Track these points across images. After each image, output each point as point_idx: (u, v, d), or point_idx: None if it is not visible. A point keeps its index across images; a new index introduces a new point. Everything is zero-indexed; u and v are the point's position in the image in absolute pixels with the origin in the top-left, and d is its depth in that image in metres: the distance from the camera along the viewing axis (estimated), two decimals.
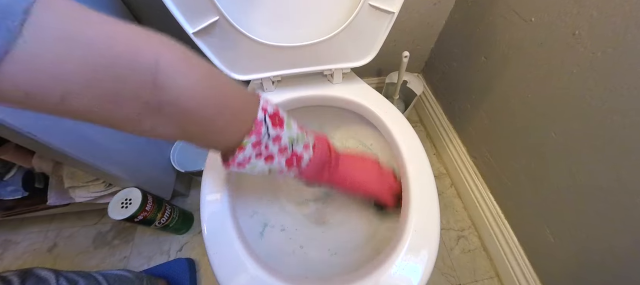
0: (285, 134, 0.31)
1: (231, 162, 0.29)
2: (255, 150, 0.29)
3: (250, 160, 0.29)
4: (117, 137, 0.52)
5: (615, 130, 0.38)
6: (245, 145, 0.28)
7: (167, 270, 0.65)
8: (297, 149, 0.33)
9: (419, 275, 0.32)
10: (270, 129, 0.30)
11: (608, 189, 0.41)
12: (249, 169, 0.30)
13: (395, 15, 0.42)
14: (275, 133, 0.30)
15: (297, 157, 0.33)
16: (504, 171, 0.62)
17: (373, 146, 0.55)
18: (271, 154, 0.31)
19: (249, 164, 0.30)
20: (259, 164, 0.31)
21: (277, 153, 0.31)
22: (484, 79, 0.63)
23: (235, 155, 0.28)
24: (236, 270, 0.33)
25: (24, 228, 0.78)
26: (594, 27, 0.39)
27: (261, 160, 0.30)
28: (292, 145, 0.32)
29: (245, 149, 0.28)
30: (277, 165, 0.32)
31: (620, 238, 0.41)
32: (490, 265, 0.68)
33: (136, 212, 0.54)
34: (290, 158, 0.33)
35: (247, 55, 0.45)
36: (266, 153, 0.30)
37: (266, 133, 0.29)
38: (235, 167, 0.29)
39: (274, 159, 0.31)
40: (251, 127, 0.28)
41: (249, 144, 0.28)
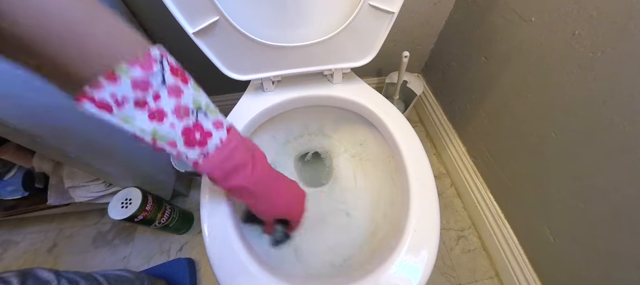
0: (190, 93, 0.24)
1: (88, 92, 0.19)
2: (136, 92, 0.20)
3: (123, 106, 0.20)
4: (117, 137, 0.52)
5: (615, 130, 0.38)
6: (121, 75, 0.19)
7: (167, 270, 0.65)
8: (204, 121, 0.25)
9: (419, 275, 0.32)
10: (166, 73, 0.22)
11: (608, 189, 0.41)
12: (120, 119, 0.21)
13: (395, 15, 0.42)
14: (175, 81, 0.22)
15: (202, 132, 0.25)
16: (504, 171, 0.62)
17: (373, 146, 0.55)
18: (161, 110, 0.22)
19: (122, 110, 0.20)
20: (139, 119, 0.21)
21: (173, 112, 0.23)
22: (484, 79, 0.63)
23: (100, 83, 0.19)
24: (236, 270, 0.33)
25: (24, 228, 0.78)
26: (594, 27, 0.39)
27: (143, 113, 0.21)
28: (196, 113, 0.24)
29: (120, 82, 0.19)
30: (168, 132, 0.23)
31: (620, 238, 0.41)
32: (490, 265, 0.68)
33: (136, 212, 0.54)
34: (191, 129, 0.24)
35: (247, 55, 0.45)
36: (154, 106, 0.22)
37: (160, 75, 0.21)
38: (94, 108, 0.20)
39: (165, 120, 0.22)
40: (137, 57, 0.20)
41: (128, 76, 0.20)
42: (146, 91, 0.21)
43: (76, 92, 0.19)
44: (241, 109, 0.49)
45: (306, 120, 0.58)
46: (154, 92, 0.21)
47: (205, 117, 0.25)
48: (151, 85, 0.21)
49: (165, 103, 0.22)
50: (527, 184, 0.56)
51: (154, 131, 0.23)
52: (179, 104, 0.23)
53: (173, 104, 0.23)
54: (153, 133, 0.23)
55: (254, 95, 0.51)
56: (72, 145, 0.44)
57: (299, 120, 0.57)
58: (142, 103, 0.21)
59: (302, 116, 0.56)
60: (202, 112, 0.25)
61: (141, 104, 0.21)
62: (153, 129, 0.22)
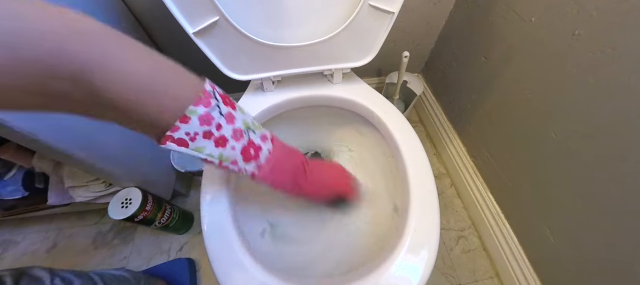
0: (239, 116, 0.27)
1: (169, 134, 0.23)
2: (203, 127, 0.24)
3: (196, 139, 0.24)
4: (117, 137, 0.52)
5: (615, 130, 0.38)
6: (191, 116, 0.23)
7: (167, 270, 0.65)
8: (254, 137, 0.29)
9: (419, 275, 0.32)
10: (221, 104, 0.25)
11: (608, 189, 0.41)
12: (194, 150, 0.25)
13: (395, 15, 0.42)
14: (228, 110, 0.26)
15: (254, 147, 0.29)
16: (504, 171, 0.62)
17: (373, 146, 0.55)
18: (223, 136, 0.26)
19: (195, 142, 0.25)
20: (208, 147, 0.25)
21: (231, 136, 0.26)
22: (484, 79, 0.63)
23: (176, 126, 0.23)
24: (236, 270, 0.33)
25: (24, 228, 0.78)
26: (594, 27, 0.39)
27: (211, 142, 0.25)
28: (248, 133, 0.28)
29: (190, 121, 0.23)
30: (231, 153, 0.27)
31: (620, 238, 0.41)
32: (490, 265, 0.68)
33: (136, 212, 0.54)
34: (246, 146, 0.28)
35: (247, 55, 0.45)
36: (218, 134, 0.25)
37: (217, 107, 0.25)
38: (174, 144, 0.24)
39: (227, 143, 0.26)
40: (199, 95, 0.24)
41: (196, 115, 0.23)
42: (210, 124, 0.25)
43: (160, 137, 0.23)
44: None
45: (306, 120, 0.58)
46: (216, 123, 0.25)
47: (254, 134, 0.29)
48: (213, 118, 0.25)
49: (225, 130, 0.26)
50: (527, 184, 0.56)
51: (220, 155, 0.27)
52: (235, 128, 0.27)
53: (231, 130, 0.27)
54: (219, 156, 0.27)
55: (254, 95, 0.51)
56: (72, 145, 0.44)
57: (299, 120, 0.57)
58: (208, 134, 0.25)
59: (302, 116, 0.56)
60: (251, 131, 0.29)
61: (208, 135, 0.25)
62: (219, 153, 0.27)
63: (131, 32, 0.59)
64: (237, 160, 0.28)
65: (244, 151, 0.28)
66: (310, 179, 0.36)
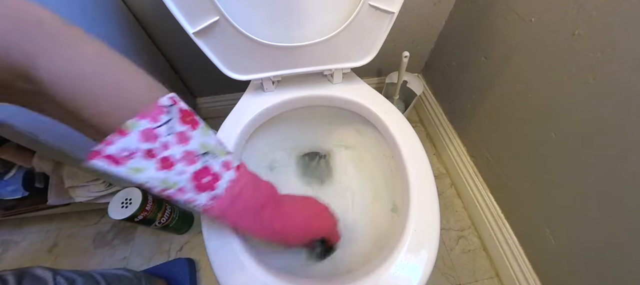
0: (198, 137, 0.24)
1: (96, 150, 0.20)
2: (145, 144, 0.21)
3: (132, 157, 0.21)
4: None
5: (615, 130, 0.38)
6: (129, 130, 0.20)
7: (167, 270, 0.65)
8: (213, 163, 0.25)
9: (419, 275, 0.32)
10: (175, 121, 0.22)
11: (608, 189, 0.41)
12: (129, 171, 0.21)
13: (395, 15, 0.42)
14: (182, 129, 0.23)
15: (211, 174, 0.25)
16: (504, 171, 0.62)
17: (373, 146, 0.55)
18: (168, 158, 0.22)
19: (131, 161, 0.21)
20: (148, 169, 0.22)
21: (180, 158, 0.23)
22: (484, 78, 0.63)
23: (109, 140, 0.20)
24: (236, 270, 0.33)
25: (24, 228, 0.78)
26: (594, 27, 0.39)
27: (152, 162, 0.22)
28: (204, 156, 0.25)
29: (128, 135, 0.20)
30: (177, 178, 0.23)
31: (620, 238, 0.41)
32: (490, 265, 0.68)
33: (136, 212, 0.54)
34: (199, 172, 0.24)
35: (247, 55, 0.45)
36: (162, 153, 0.22)
37: (166, 125, 0.22)
38: (104, 162, 0.20)
39: (174, 167, 0.23)
40: (147, 107, 0.21)
41: (137, 130, 0.20)
42: (154, 141, 0.21)
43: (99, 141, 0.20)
44: (241, 109, 0.49)
45: (306, 120, 0.58)
46: (162, 142, 0.22)
47: (214, 159, 0.25)
48: (158, 135, 0.22)
49: (173, 150, 0.23)
50: (527, 184, 0.56)
51: (163, 180, 0.23)
52: (187, 150, 0.23)
53: (181, 151, 0.23)
54: (162, 182, 0.23)
55: (254, 95, 0.51)
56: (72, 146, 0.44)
57: (299, 120, 0.57)
58: (150, 153, 0.22)
59: (302, 116, 0.56)
60: (211, 155, 0.25)
61: (150, 155, 0.22)
62: (162, 178, 0.23)
63: (131, 32, 0.59)
64: (185, 188, 0.24)
65: (195, 177, 0.24)
66: (282, 218, 0.31)
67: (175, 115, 0.22)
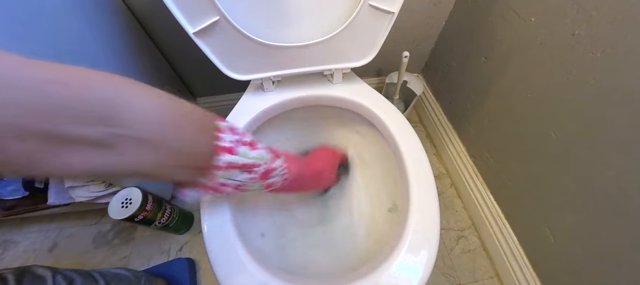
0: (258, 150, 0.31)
1: (219, 145, 0.26)
2: (236, 136, 0.28)
3: (239, 144, 0.28)
4: None
5: (615, 130, 0.38)
6: (222, 127, 0.27)
7: (167, 270, 0.65)
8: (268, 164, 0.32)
9: (419, 275, 0.32)
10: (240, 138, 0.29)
11: (608, 189, 0.41)
12: (241, 155, 0.28)
13: (395, 15, 0.42)
14: (249, 140, 0.30)
15: (270, 169, 0.32)
16: (504, 171, 0.62)
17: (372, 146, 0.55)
18: (255, 143, 0.30)
19: (240, 148, 0.28)
20: (248, 152, 0.29)
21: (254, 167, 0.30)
22: (484, 79, 0.63)
23: (221, 130, 0.27)
24: (236, 270, 0.33)
25: (24, 228, 0.78)
26: (594, 27, 0.39)
27: (247, 148, 0.29)
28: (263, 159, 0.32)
29: (225, 130, 0.27)
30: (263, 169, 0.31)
31: (619, 238, 0.41)
32: (490, 265, 0.68)
33: (136, 212, 0.54)
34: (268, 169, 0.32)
35: (247, 55, 0.45)
36: (248, 139, 0.30)
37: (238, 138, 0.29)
38: (227, 155, 0.27)
39: (257, 148, 0.30)
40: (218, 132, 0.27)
41: (226, 127, 0.27)
42: (242, 134, 0.29)
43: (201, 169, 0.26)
44: (241, 109, 0.49)
45: (306, 120, 0.58)
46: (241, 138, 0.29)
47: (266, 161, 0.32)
48: (239, 132, 0.29)
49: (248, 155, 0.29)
50: (527, 184, 0.56)
51: (260, 156, 0.30)
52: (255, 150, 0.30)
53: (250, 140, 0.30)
54: (261, 158, 0.30)
55: (254, 95, 0.51)
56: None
57: (299, 120, 0.57)
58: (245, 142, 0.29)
59: (302, 116, 0.56)
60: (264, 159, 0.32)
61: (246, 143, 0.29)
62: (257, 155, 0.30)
63: (131, 33, 0.59)
64: (269, 172, 0.32)
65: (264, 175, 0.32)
66: (316, 172, 0.43)
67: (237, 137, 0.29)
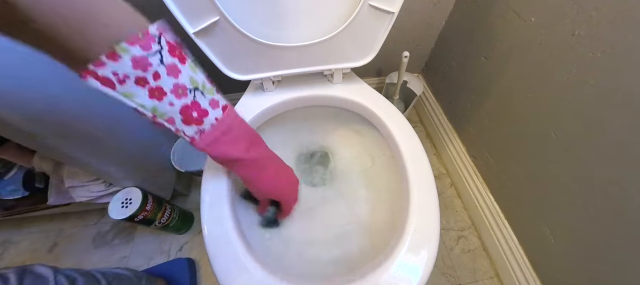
0: (187, 72, 0.25)
1: (92, 69, 0.20)
2: (136, 71, 0.22)
3: (125, 82, 0.22)
4: (117, 137, 0.52)
5: (615, 130, 0.38)
6: (121, 54, 0.20)
7: (167, 270, 0.65)
8: (201, 100, 0.27)
9: (419, 275, 0.32)
10: (164, 52, 0.23)
11: (608, 189, 0.41)
12: (121, 94, 0.22)
13: (395, 15, 0.42)
14: (172, 62, 0.24)
15: (199, 110, 0.27)
16: (504, 171, 0.62)
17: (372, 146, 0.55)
18: (160, 88, 0.24)
19: (123, 87, 0.22)
20: (140, 95, 0.23)
21: (171, 90, 0.24)
22: (484, 79, 0.63)
23: (101, 61, 0.20)
24: (236, 270, 0.33)
25: (24, 228, 0.78)
26: (594, 27, 0.39)
27: (144, 91, 0.23)
28: (194, 92, 0.26)
29: (120, 60, 0.21)
30: (168, 109, 0.25)
31: (619, 238, 0.41)
32: (490, 265, 0.68)
33: (136, 211, 0.54)
34: (189, 107, 0.26)
35: (247, 55, 0.45)
36: (154, 84, 0.23)
37: (158, 54, 0.23)
38: (97, 82, 0.21)
39: (165, 97, 0.24)
40: (136, 34, 0.21)
41: (128, 55, 0.21)
42: (146, 70, 0.22)
43: (81, 70, 0.21)
44: (241, 109, 0.49)
45: (306, 120, 0.58)
46: (153, 71, 0.23)
47: (202, 96, 0.27)
48: (150, 64, 0.22)
49: (164, 82, 0.24)
50: (527, 184, 0.56)
51: (153, 108, 0.24)
52: (177, 83, 0.24)
53: (171, 83, 0.24)
54: (153, 109, 0.24)
55: (254, 95, 0.51)
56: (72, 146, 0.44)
57: (299, 120, 0.57)
58: (142, 81, 0.22)
59: (302, 116, 0.56)
60: (199, 92, 0.26)
61: (142, 82, 0.23)
62: (153, 106, 0.24)
63: None
64: (175, 119, 0.26)
65: (184, 110, 0.26)
66: (257, 166, 0.34)
67: (164, 46, 0.23)
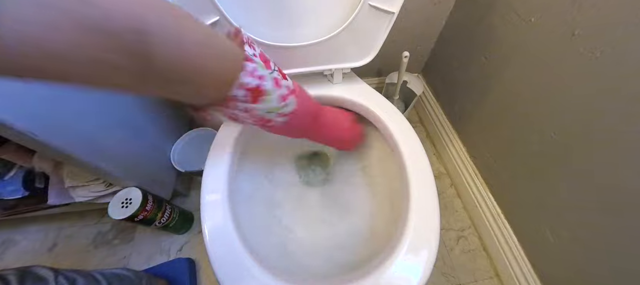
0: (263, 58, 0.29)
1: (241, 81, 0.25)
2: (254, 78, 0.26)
3: (264, 79, 0.27)
4: (117, 137, 0.53)
5: (614, 130, 0.38)
6: (246, 62, 0.25)
7: (167, 270, 0.65)
8: (277, 75, 0.31)
9: (419, 275, 0.32)
10: (257, 56, 0.27)
11: (607, 189, 0.41)
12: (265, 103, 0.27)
13: (395, 15, 0.42)
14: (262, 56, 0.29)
15: (289, 89, 0.31)
16: (504, 171, 0.62)
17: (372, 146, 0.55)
18: (276, 79, 0.28)
19: (265, 82, 0.27)
20: (273, 93, 0.28)
21: (274, 80, 0.29)
22: (484, 79, 0.63)
23: (249, 69, 0.25)
24: (237, 270, 0.33)
25: (24, 227, 0.78)
26: (594, 27, 0.39)
27: (274, 87, 0.28)
28: (273, 72, 0.30)
29: (248, 65, 0.25)
30: (285, 91, 0.30)
31: (619, 238, 0.41)
32: (490, 265, 0.68)
33: (136, 211, 0.54)
34: (277, 79, 0.30)
35: None
36: (274, 75, 0.28)
37: (255, 58, 0.27)
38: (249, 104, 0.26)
39: (281, 85, 0.29)
40: (243, 63, 0.25)
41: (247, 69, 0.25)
42: (262, 78, 0.27)
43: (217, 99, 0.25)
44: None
45: None
46: (269, 74, 0.28)
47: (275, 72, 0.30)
48: (264, 76, 0.27)
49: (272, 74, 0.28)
50: (527, 184, 0.56)
51: (279, 96, 0.29)
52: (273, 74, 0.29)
53: (271, 74, 0.28)
54: (280, 101, 0.29)
55: None
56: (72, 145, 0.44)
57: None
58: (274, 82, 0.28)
59: None
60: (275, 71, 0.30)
61: (276, 83, 0.28)
62: (279, 94, 0.29)
63: None
64: (287, 98, 0.30)
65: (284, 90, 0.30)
66: (328, 119, 0.41)
67: (256, 50, 0.28)
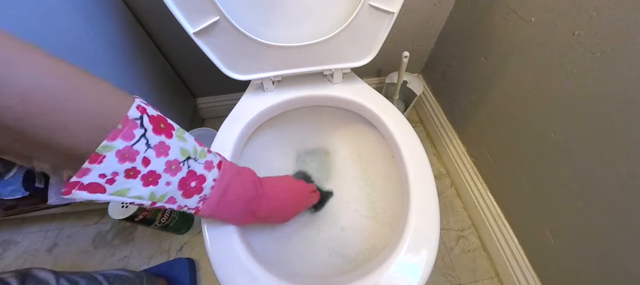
0: (176, 144, 0.23)
1: (75, 181, 0.19)
2: (124, 164, 0.20)
3: (115, 181, 0.20)
4: None
5: (614, 130, 0.38)
6: (105, 153, 0.19)
7: (167, 270, 0.65)
8: (196, 167, 0.25)
9: (419, 275, 0.32)
10: (150, 133, 0.21)
11: (607, 189, 0.41)
12: (114, 194, 0.21)
13: (395, 15, 0.42)
14: (159, 140, 0.22)
15: (196, 178, 0.25)
16: (504, 171, 0.62)
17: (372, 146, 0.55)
18: (153, 172, 0.22)
19: (114, 185, 0.20)
20: (134, 188, 0.21)
21: (164, 170, 0.23)
22: (484, 79, 0.63)
23: (84, 169, 0.19)
24: (236, 270, 0.33)
25: (24, 228, 0.78)
26: (594, 27, 0.39)
27: (137, 181, 0.21)
28: (187, 162, 0.24)
29: (105, 160, 0.19)
30: (166, 189, 0.23)
31: (619, 237, 0.41)
32: (490, 265, 0.68)
33: (136, 211, 0.54)
34: (185, 179, 0.24)
35: (247, 55, 0.45)
36: (146, 170, 0.21)
37: (143, 138, 0.21)
38: (84, 193, 0.19)
39: (160, 179, 0.23)
40: (116, 126, 0.19)
41: (112, 152, 0.19)
42: (134, 160, 0.20)
43: (64, 185, 0.19)
44: (241, 109, 0.49)
45: (306, 120, 0.58)
46: (142, 158, 0.21)
47: (195, 163, 0.25)
48: (138, 152, 0.21)
49: (155, 165, 0.22)
50: (527, 184, 0.56)
51: (151, 194, 0.23)
52: (169, 161, 0.23)
53: (164, 163, 0.23)
54: (151, 196, 0.23)
55: (254, 95, 0.51)
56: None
57: (299, 120, 0.57)
58: (133, 172, 0.21)
59: (302, 116, 0.56)
60: (192, 159, 0.25)
61: (133, 173, 0.21)
62: (150, 193, 0.23)
63: (131, 33, 0.59)
64: (175, 197, 0.24)
65: (182, 185, 0.24)
66: (268, 205, 0.34)
67: (148, 126, 0.21)
